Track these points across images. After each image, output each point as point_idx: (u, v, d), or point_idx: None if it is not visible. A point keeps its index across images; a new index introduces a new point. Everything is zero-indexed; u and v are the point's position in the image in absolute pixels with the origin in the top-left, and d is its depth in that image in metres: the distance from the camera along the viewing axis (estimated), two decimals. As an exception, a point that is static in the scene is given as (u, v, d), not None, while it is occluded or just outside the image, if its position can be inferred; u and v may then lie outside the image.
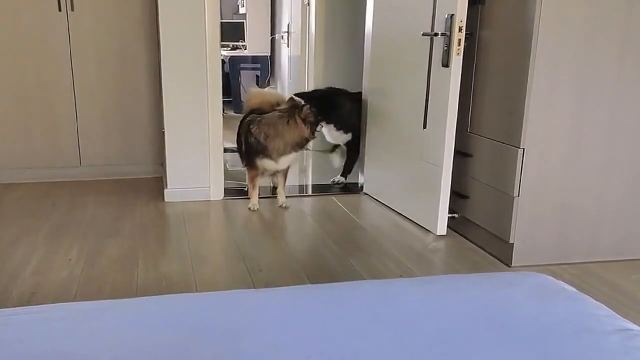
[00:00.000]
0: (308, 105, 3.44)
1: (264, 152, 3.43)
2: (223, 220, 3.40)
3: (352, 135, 4.06)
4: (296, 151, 3.49)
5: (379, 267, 2.69)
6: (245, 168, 3.64)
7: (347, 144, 4.14)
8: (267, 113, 3.49)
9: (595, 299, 1.44)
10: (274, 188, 3.89)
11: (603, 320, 1.30)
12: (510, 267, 2.72)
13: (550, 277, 1.56)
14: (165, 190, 3.65)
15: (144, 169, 4.20)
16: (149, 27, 3.94)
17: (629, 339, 1.22)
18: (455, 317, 1.29)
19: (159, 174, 4.20)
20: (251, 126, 3.46)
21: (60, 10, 3.80)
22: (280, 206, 3.58)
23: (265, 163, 3.47)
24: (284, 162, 3.48)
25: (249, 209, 3.50)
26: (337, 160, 4.33)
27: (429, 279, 1.84)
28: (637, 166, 2.73)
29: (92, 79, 3.96)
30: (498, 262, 2.78)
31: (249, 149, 3.51)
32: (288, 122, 3.39)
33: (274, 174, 3.65)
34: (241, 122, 3.74)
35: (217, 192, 3.71)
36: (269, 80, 7.10)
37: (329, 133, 4.15)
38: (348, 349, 1.16)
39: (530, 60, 2.50)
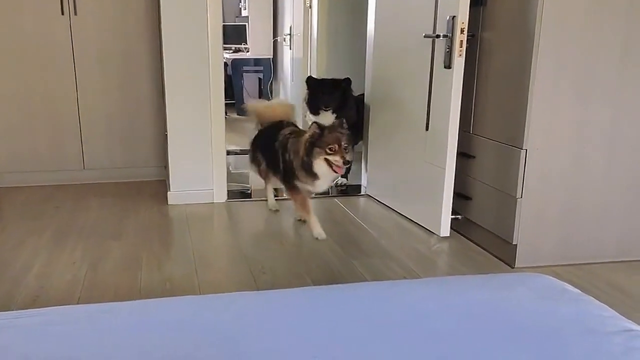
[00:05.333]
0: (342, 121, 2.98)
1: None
2: (226, 222, 3.41)
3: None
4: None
5: (382, 268, 2.69)
6: (286, 189, 3.24)
7: None
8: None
9: (599, 300, 1.43)
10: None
11: (607, 321, 1.30)
12: (513, 268, 2.71)
13: (554, 278, 1.55)
14: (169, 193, 3.66)
15: (147, 172, 4.21)
16: (152, 31, 3.95)
17: (632, 340, 1.21)
18: (459, 318, 1.29)
19: (162, 176, 4.20)
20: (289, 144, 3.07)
21: (63, 14, 3.81)
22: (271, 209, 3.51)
23: (305, 186, 3.07)
24: (320, 183, 3.01)
25: (317, 236, 3.07)
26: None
27: (432, 281, 1.84)
28: (641, 167, 2.73)
29: (95, 82, 3.98)
30: (501, 263, 2.78)
31: (289, 168, 3.07)
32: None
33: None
34: (264, 134, 3.42)
35: (220, 195, 3.71)
36: (271, 83, 7.11)
37: None
38: (352, 350, 1.16)
39: (532, 61, 2.50)
